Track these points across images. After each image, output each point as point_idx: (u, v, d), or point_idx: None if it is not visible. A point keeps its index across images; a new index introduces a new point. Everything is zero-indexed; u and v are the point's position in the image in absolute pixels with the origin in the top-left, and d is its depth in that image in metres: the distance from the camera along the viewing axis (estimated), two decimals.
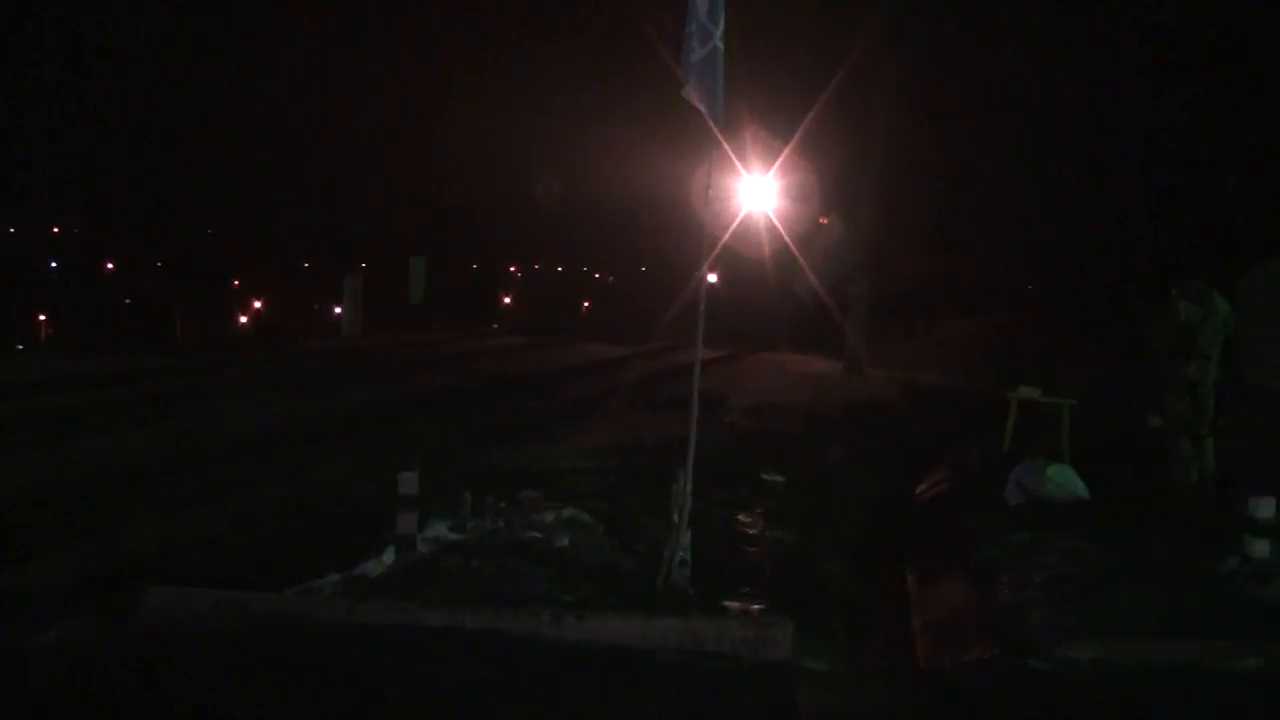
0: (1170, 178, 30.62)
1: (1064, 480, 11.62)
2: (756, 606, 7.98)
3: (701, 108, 7.84)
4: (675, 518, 7.99)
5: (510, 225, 45.43)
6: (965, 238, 36.55)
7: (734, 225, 8.71)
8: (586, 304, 48.00)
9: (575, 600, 7.59)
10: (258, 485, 11.58)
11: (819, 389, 21.67)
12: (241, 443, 13.80)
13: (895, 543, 11.75)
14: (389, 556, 8.29)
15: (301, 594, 7.75)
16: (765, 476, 12.40)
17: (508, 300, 43.81)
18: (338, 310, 31.38)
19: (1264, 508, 8.57)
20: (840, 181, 27.21)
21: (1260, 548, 8.59)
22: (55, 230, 46.77)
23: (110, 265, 39.91)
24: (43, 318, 27.75)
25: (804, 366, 25.63)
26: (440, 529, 8.68)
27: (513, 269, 49.48)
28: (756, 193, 9.17)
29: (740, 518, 10.38)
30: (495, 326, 36.14)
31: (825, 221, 29.02)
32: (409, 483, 8.37)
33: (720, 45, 7.98)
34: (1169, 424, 12.09)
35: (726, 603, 7.92)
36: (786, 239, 19.78)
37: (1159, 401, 12.21)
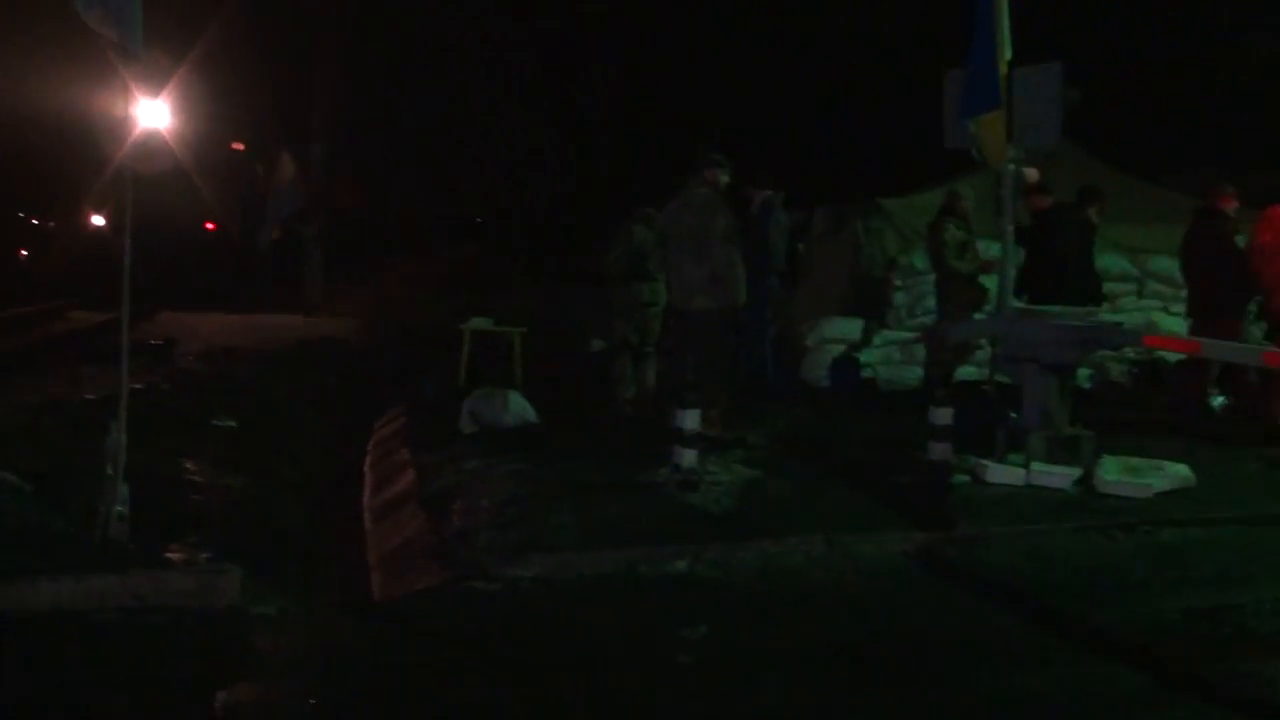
0: (606, 113, 32.11)
1: (515, 406, 11.98)
2: (204, 556, 7.74)
3: (110, 34, 7.26)
4: (110, 471, 7.59)
5: None
6: (423, 173, 36.69)
7: (134, 157, 8.17)
8: (24, 252, 44.47)
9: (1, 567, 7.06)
10: None
11: (276, 334, 21.24)
12: None
13: (353, 479, 11.73)
14: None
15: None
16: (216, 422, 12.05)
17: None
18: None
19: (689, 419, 9.18)
20: (288, 115, 26.58)
21: (688, 457, 9.20)
22: None
23: None
24: None
25: (259, 312, 24.93)
26: None
27: None
28: (169, 122, 8.71)
29: (187, 466, 10.02)
30: None
31: (240, 148, 28.07)
32: None
33: None
34: (612, 345, 12.75)
35: (170, 555, 7.62)
36: (196, 175, 19.12)
37: (608, 324, 12.86)
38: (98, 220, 28.95)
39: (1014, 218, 10.75)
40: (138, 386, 8.25)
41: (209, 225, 29.33)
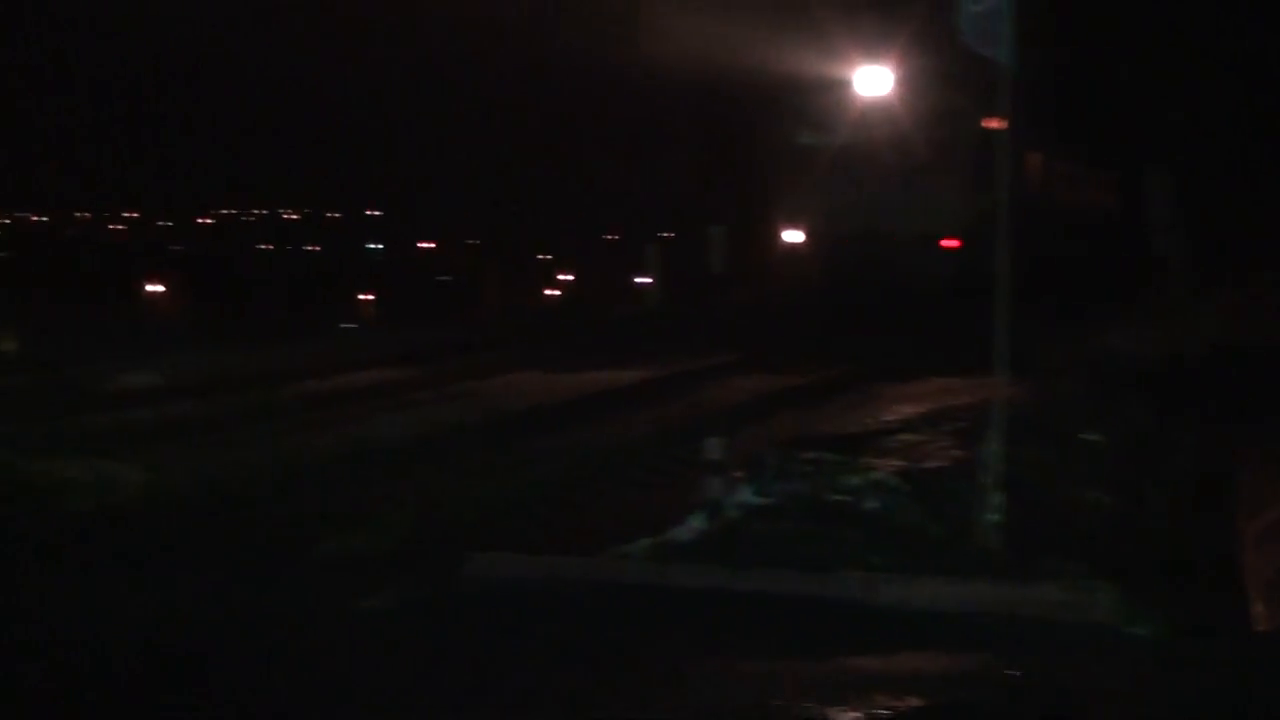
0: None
1: None
2: (1074, 569, 7.67)
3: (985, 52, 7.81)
4: (984, 479, 7.77)
5: None
6: None
7: None
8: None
9: (884, 564, 7.47)
10: (563, 450, 11.81)
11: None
12: (541, 409, 14.06)
13: (1220, 496, 11.02)
14: (697, 521, 8.35)
15: (615, 558, 7.88)
16: (1082, 436, 11.90)
17: None
18: (640, 280, 31.50)
19: None
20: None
21: None
22: (375, 214, 49.75)
23: (428, 245, 42.53)
24: (368, 296, 28.54)
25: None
26: (746, 493, 8.68)
27: None
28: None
29: (1055, 478, 9.99)
30: None
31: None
32: (715, 448, 8.44)
33: None
34: None
35: (1041, 566, 7.64)
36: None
37: None
38: (792, 236, 22.58)
39: None
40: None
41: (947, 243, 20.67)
